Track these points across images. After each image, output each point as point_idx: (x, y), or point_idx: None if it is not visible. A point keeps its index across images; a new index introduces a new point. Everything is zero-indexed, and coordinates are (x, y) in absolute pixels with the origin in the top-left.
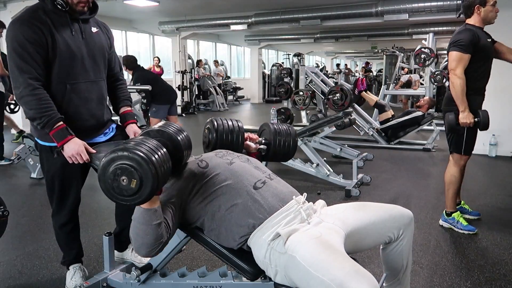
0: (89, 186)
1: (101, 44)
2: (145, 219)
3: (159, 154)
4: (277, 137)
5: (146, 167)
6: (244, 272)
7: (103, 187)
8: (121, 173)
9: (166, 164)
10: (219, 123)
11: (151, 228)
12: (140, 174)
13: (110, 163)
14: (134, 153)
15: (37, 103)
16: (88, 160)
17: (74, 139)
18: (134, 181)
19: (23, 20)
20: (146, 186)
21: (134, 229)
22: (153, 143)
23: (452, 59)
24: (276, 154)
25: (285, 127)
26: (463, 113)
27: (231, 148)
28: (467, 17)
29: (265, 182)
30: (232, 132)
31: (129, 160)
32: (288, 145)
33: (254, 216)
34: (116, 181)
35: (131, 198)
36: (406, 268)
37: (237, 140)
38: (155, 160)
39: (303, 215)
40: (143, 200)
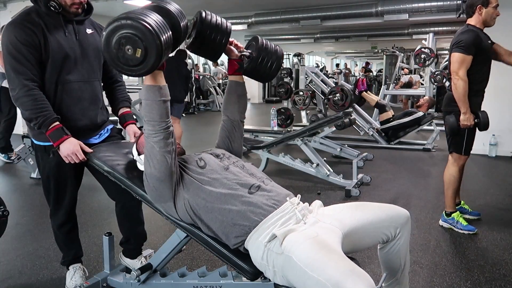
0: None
1: (95, 45)
2: (149, 95)
3: (161, 24)
4: (262, 52)
5: (150, 36)
6: (244, 272)
7: (108, 57)
8: (125, 42)
9: (167, 33)
10: (207, 14)
11: (156, 103)
12: (145, 44)
13: (114, 31)
14: (137, 21)
15: (32, 104)
16: (84, 159)
17: (70, 138)
18: (139, 51)
19: (16, 23)
20: (150, 55)
21: (143, 105)
22: (156, 16)
23: (454, 61)
24: (257, 70)
25: (273, 45)
26: (465, 115)
27: (213, 45)
28: (468, 16)
29: (260, 187)
30: (218, 28)
31: (133, 29)
32: (271, 64)
33: (249, 219)
34: (121, 50)
35: (137, 68)
36: (404, 268)
37: (221, 38)
38: (157, 30)
39: (298, 216)
40: (148, 70)
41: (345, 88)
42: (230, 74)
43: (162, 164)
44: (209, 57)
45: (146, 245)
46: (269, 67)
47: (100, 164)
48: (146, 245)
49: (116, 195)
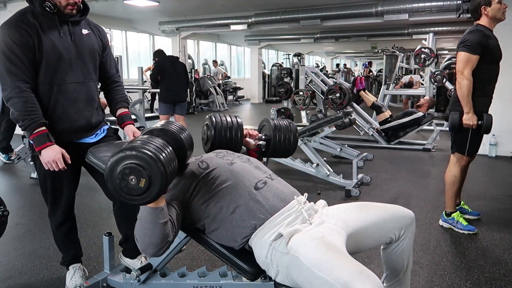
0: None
1: (91, 46)
2: (151, 218)
3: (166, 153)
4: (277, 133)
5: (155, 166)
6: (244, 272)
7: (111, 187)
8: (129, 172)
9: (173, 162)
10: (217, 120)
11: (158, 227)
12: (149, 173)
13: (118, 162)
14: (142, 152)
15: (22, 106)
16: (64, 168)
17: (53, 146)
18: (143, 181)
19: (10, 23)
20: (155, 185)
21: (141, 229)
22: (160, 142)
23: (460, 60)
24: (276, 150)
25: (285, 123)
26: (467, 114)
27: (230, 144)
28: (475, 20)
29: (266, 183)
30: (231, 128)
31: (137, 160)
32: (288, 141)
33: (255, 216)
34: (125, 180)
35: (140, 197)
36: (407, 268)
37: (235, 137)
38: (163, 159)
39: (305, 215)
40: (151, 199)
41: (343, 87)
42: None
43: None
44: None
45: None
46: (287, 143)
47: (100, 164)
48: None
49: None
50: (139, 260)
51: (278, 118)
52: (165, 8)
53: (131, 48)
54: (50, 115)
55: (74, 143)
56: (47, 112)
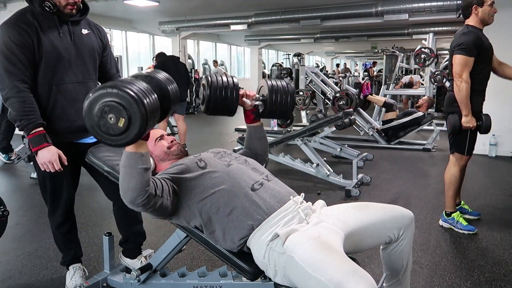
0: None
1: (91, 46)
2: (130, 162)
3: (150, 98)
4: (274, 94)
5: (136, 106)
6: (244, 272)
7: (88, 125)
8: (109, 110)
9: (155, 107)
10: (213, 79)
11: (137, 171)
12: (129, 113)
13: (98, 99)
14: (124, 91)
15: (20, 106)
16: (60, 170)
17: (50, 147)
18: (122, 120)
19: (9, 23)
20: (134, 126)
21: (121, 174)
22: (144, 85)
23: (457, 63)
24: (273, 111)
25: (283, 84)
26: (466, 117)
27: (225, 104)
28: (465, 17)
29: (263, 184)
30: (226, 88)
31: (118, 98)
32: (285, 102)
33: (252, 217)
34: (103, 118)
35: (117, 137)
36: (406, 268)
37: (231, 96)
38: (145, 101)
39: (301, 215)
40: (129, 141)
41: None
42: (248, 123)
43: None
44: (226, 114)
45: (146, 245)
46: (284, 104)
47: (100, 164)
48: (146, 245)
49: (114, 195)
50: (139, 260)
51: (276, 79)
52: (165, 8)
53: (131, 48)
54: (49, 115)
55: (74, 143)
56: (46, 112)
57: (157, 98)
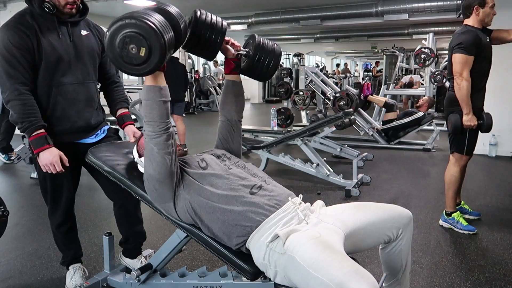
0: (89, 186)
1: (90, 47)
2: (150, 95)
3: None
4: (259, 51)
5: (154, 35)
6: (244, 272)
7: (111, 56)
8: (130, 41)
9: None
10: (202, 13)
11: (157, 103)
12: (149, 42)
13: (119, 30)
14: (142, 21)
15: (21, 108)
16: (62, 171)
17: (51, 149)
18: (143, 50)
19: (9, 25)
20: (154, 55)
21: (143, 106)
22: (161, 18)
23: (457, 62)
24: (254, 68)
25: (271, 43)
26: (467, 115)
27: (208, 44)
28: (465, 17)
29: (261, 187)
30: (213, 27)
31: (137, 28)
32: (268, 63)
33: (251, 219)
34: (125, 49)
35: (140, 67)
36: (406, 268)
37: (216, 37)
38: (161, 29)
39: (300, 216)
40: (151, 70)
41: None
42: (227, 73)
43: (162, 165)
44: (204, 56)
45: (146, 245)
46: (267, 65)
47: (100, 164)
48: (146, 245)
49: (114, 195)
50: (139, 260)
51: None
52: None
53: None
54: (49, 116)
55: (74, 144)
56: (46, 113)
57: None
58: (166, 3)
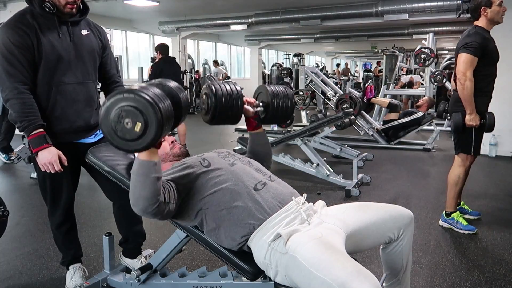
0: (89, 186)
1: (90, 47)
2: (143, 171)
3: (164, 103)
4: (274, 99)
5: (152, 111)
6: (244, 272)
7: (105, 130)
8: (125, 115)
9: (169, 113)
10: (217, 87)
11: (150, 180)
12: (146, 118)
13: (115, 104)
14: (140, 95)
15: (20, 107)
16: (60, 170)
17: (50, 148)
18: (139, 125)
19: (9, 25)
20: (150, 131)
21: (133, 182)
22: (159, 91)
23: (462, 61)
24: (275, 116)
25: (281, 89)
26: (470, 115)
27: (231, 112)
28: (474, 19)
29: (266, 184)
30: (231, 96)
31: (135, 102)
32: (286, 106)
33: (254, 217)
34: (120, 123)
35: (134, 142)
36: (406, 268)
37: (236, 104)
38: (160, 106)
39: (303, 216)
40: (145, 146)
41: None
42: (251, 131)
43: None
44: (230, 122)
45: (146, 245)
46: (284, 110)
47: (100, 164)
48: (146, 245)
49: (113, 195)
50: (139, 260)
51: (274, 85)
52: (165, 8)
53: (131, 48)
54: (49, 115)
55: (74, 143)
56: (46, 112)
57: (171, 104)
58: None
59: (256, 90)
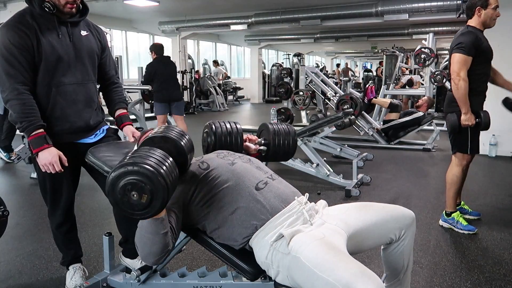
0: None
1: (90, 47)
2: (152, 229)
3: (167, 165)
4: (276, 137)
5: (157, 181)
6: (244, 272)
7: (113, 202)
8: (131, 188)
9: (173, 173)
10: (217, 126)
11: (158, 237)
12: (151, 189)
13: (120, 178)
14: (143, 168)
15: (20, 108)
16: (61, 171)
17: (50, 148)
18: (145, 196)
19: (9, 25)
20: (157, 199)
21: (142, 239)
22: (160, 154)
23: (455, 61)
24: (276, 154)
25: (284, 127)
26: (465, 114)
27: (231, 150)
28: (468, 17)
29: (267, 183)
30: (230, 134)
31: (139, 176)
32: (288, 144)
33: (256, 217)
34: (126, 196)
35: (142, 212)
36: (407, 269)
37: (236, 142)
38: (164, 173)
39: (306, 216)
40: (153, 214)
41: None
42: None
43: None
44: None
45: None
46: (286, 147)
47: (100, 164)
48: None
49: None
50: (139, 260)
51: (277, 122)
52: (165, 8)
53: (131, 48)
54: (49, 116)
55: (73, 144)
56: (46, 113)
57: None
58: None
59: (259, 127)
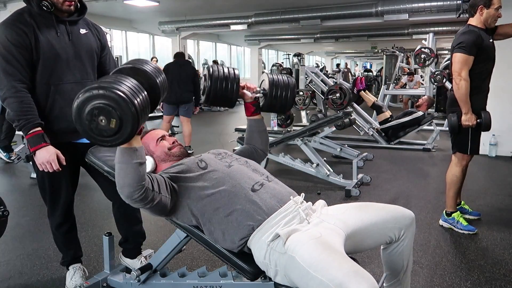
0: (89, 186)
1: (89, 46)
2: (124, 158)
3: (139, 94)
4: (274, 87)
5: (125, 105)
6: (244, 272)
7: (80, 129)
8: (98, 113)
9: (145, 103)
10: (214, 69)
11: (132, 166)
12: (120, 114)
13: (86, 102)
14: (111, 91)
15: (18, 106)
16: (58, 169)
17: (48, 147)
18: (114, 121)
19: (7, 23)
20: (126, 126)
21: (116, 171)
22: (132, 82)
23: (456, 61)
24: (273, 105)
25: (284, 78)
26: (466, 115)
27: (225, 95)
28: (470, 16)
29: (263, 184)
30: (227, 79)
31: (105, 99)
32: (286, 96)
33: (253, 218)
34: (94, 121)
35: (112, 138)
36: (407, 269)
37: (231, 87)
38: (134, 101)
39: (302, 215)
40: (123, 141)
41: (343, 87)
42: (249, 116)
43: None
44: (226, 105)
45: (146, 245)
46: (284, 99)
47: (100, 164)
48: (146, 245)
49: (113, 195)
50: (139, 260)
51: (277, 73)
52: (165, 8)
53: (131, 48)
54: (47, 115)
55: (73, 144)
56: (44, 112)
57: (147, 94)
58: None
59: (261, 77)
